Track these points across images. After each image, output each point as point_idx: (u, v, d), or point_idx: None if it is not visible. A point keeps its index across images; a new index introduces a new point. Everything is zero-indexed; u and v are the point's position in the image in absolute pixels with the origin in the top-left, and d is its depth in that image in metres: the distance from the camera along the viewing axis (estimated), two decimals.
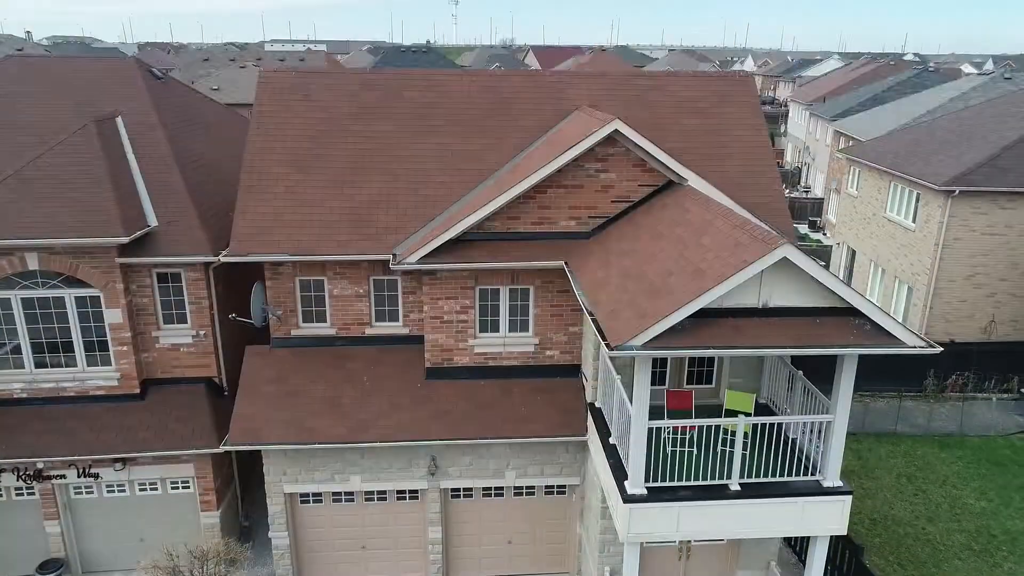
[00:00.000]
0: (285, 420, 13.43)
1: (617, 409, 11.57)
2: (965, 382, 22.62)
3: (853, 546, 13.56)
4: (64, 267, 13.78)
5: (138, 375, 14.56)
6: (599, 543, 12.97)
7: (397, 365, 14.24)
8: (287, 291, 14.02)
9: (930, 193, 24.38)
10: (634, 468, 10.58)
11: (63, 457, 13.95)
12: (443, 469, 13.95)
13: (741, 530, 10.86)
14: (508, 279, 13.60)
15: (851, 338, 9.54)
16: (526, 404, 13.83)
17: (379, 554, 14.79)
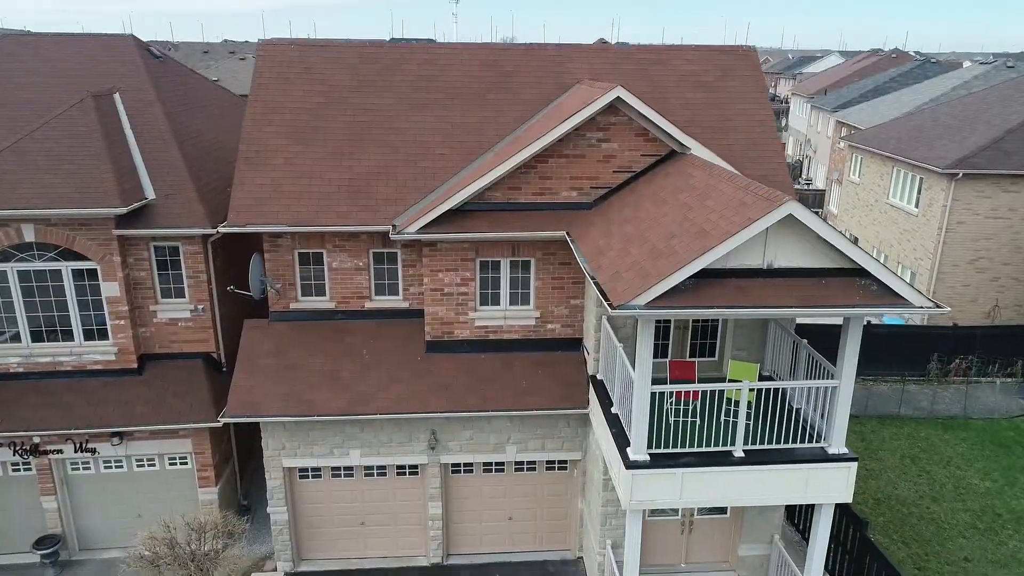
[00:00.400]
0: (284, 393, 13.30)
1: (619, 378, 11.43)
2: (969, 366, 22.47)
3: (857, 520, 13.41)
4: (61, 239, 13.66)
5: (135, 350, 14.43)
6: (601, 516, 12.84)
7: (397, 339, 14.11)
8: (286, 264, 13.89)
9: (933, 177, 24.25)
10: (636, 434, 10.44)
11: (60, 431, 13.82)
12: (443, 443, 13.81)
13: (745, 497, 10.72)
14: (509, 251, 13.46)
15: (857, 299, 9.40)
16: (527, 377, 13.69)
17: (378, 530, 14.65)
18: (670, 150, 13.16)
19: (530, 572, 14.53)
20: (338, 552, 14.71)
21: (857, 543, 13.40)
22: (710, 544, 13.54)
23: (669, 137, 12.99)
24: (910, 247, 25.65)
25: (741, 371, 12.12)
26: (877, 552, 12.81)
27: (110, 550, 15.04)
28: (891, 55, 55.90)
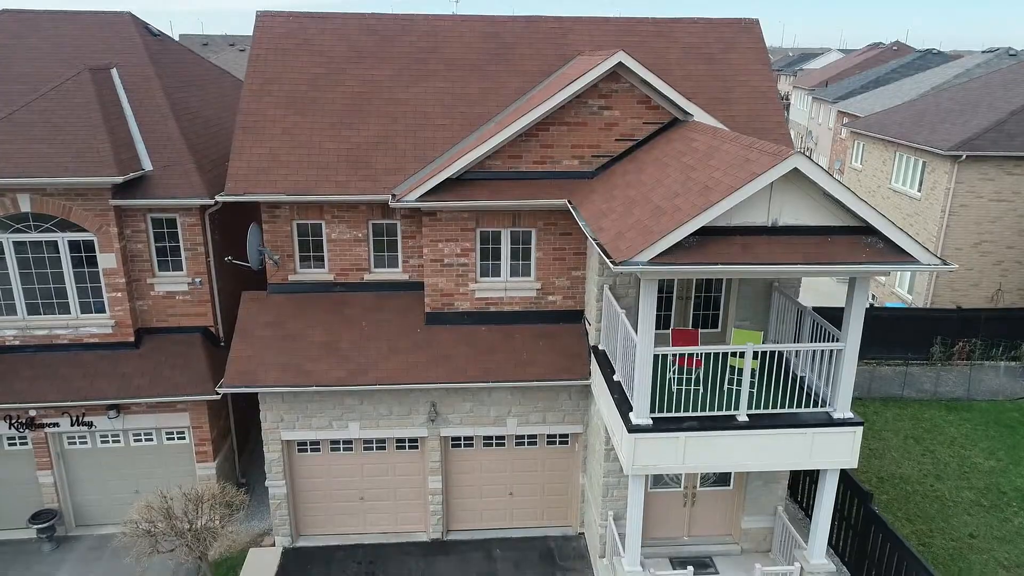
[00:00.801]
0: (282, 363, 13.16)
1: (621, 344, 11.28)
2: (972, 349, 22.32)
3: (861, 493, 13.26)
4: (57, 209, 13.52)
5: (132, 323, 14.29)
6: (602, 487, 12.69)
7: (396, 311, 13.97)
8: (284, 235, 13.75)
9: (936, 160, 24.10)
10: (639, 398, 10.30)
11: (56, 403, 13.68)
12: (443, 416, 13.67)
13: (749, 462, 10.57)
14: (509, 221, 13.32)
15: (864, 256, 9.26)
16: (528, 349, 13.55)
17: (378, 505, 14.51)
18: (672, 118, 13.03)
19: (531, 547, 14.38)
20: (337, 528, 14.56)
21: (861, 516, 13.25)
22: (713, 516, 13.39)
23: (672, 104, 12.85)
24: (913, 232, 25.47)
25: (745, 339, 11.95)
26: (882, 523, 12.66)
27: (107, 526, 14.89)
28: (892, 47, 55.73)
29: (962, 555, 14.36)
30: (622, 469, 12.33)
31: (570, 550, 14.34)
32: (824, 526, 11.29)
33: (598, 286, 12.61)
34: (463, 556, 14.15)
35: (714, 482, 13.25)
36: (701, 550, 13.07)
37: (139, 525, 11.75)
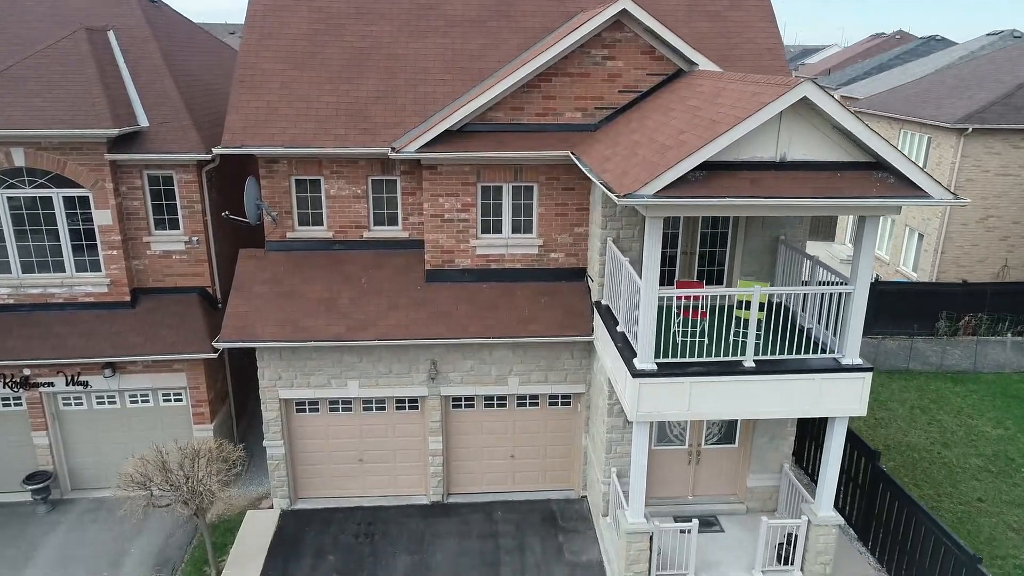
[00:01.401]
0: (280, 319, 12.95)
1: (625, 293, 11.06)
2: (978, 323, 22.07)
3: (868, 451, 13.04)
4: (52, 164, 13.31)
5: (129, 282, 14.08)
6: (606, 444, 12.47)
7: (396, 269, 13.76)
8: (282, 191, 13.54)
9: (942, 134, 23.87)
10: (643, 343, 10.09)
11: (50, 360, 13.47)
12: (444, 375, 13.46)
13: (755, 409, 10.36)
14: (511, 175, 13.11)
15: (875, 191, 9.04)
16: (530, 306, 13.34)
17: (377, 468, 14.29)
18: (677, 69, 12.81)
19: (532, 510, 14.17)
20: (336, 490, 14.35)
21: (869, 475, 13.02)
22: (718, 475, 13.18)
23: (677, 54, 12.64)
24: (917, 208, 25.25)
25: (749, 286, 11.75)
26: (890, 482, 12.44)
27: (103, 490, 14.70)
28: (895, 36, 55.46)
29: (971, 518, 14.14)
30: (625, 424, 12.18)
31: (572, 512, 14.13)
32: (832, 477, 11.07)
33: (601, 240, 12.40)
34: (464, 518, 13.94)
35: (719, 439, 13.03)
36: (706, 509, 12.85)
37: (133, 478, 11.53)
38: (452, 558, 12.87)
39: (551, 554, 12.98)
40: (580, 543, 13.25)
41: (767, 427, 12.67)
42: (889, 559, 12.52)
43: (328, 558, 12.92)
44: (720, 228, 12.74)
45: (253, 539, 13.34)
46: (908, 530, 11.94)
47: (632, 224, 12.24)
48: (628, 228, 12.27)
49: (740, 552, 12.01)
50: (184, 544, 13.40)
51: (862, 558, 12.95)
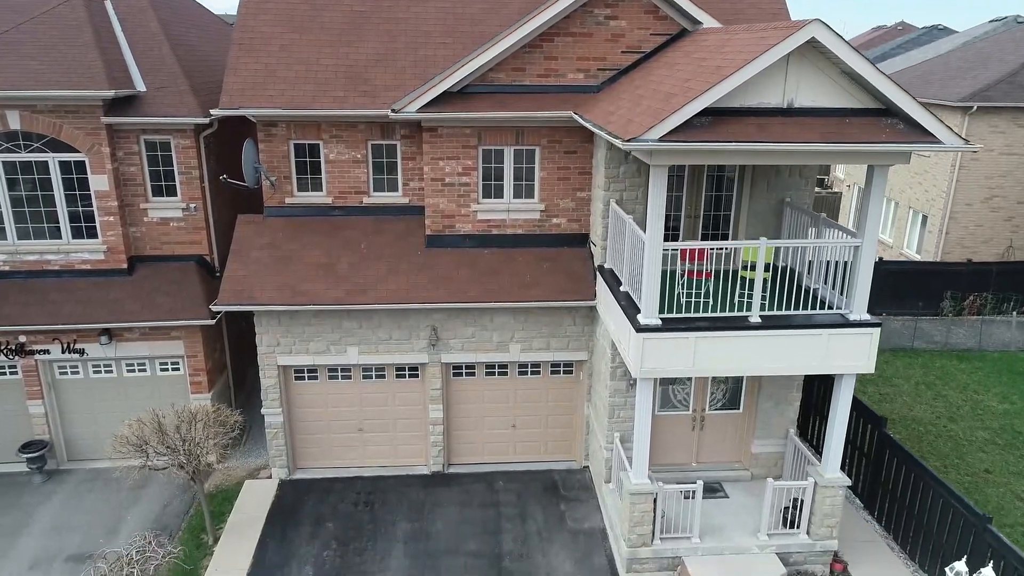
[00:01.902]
0: (278, 283, 12.79)
1: (629, 250, 10.88)
2: (983, 303, 21.90)
3: (875, 418, 12.86)
4: (47, 128, 13.15)
5: (126, 250, 13.92)
6: (608, 408, 12.30)
7: (396, 234, 13.59)
8: (281, 155, 13.37)
9: (946, 113, 23.66)
10: (647, 298, 9.92)
11: (46, 326, 13.31)
12: (444, 341, 13.29)
13: (762, 365, 10.18)
14: (512, 138, 12.94)
15: (884, 136, 8.87)
16: (531, 271, 13.17)
17: (377, 437, 14.12)
18: (681, 28, 12.63)
19: (534, 480, 13.99)
20: (335, 460, 14.18)
21: (875, 443, 12.85)
22: (722, 442, 13.00)
23: (680, 13, 12.46)
24: (921, 190, 25.08)
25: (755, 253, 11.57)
26: (897, 447, 12.27)
27: (99, 460, 14.51)
28: (896, 27, 55.26)
29: (978, 488, 13.97)
30: (628, 388, 12.02)
31: (574, 482, 13.95)
32: (839, 437, 10.90)
33: (604, 202, 12.23)
34: (464, 487, 13.77)
35: (723, 405, 12.86)
36: (710, 476, 12.66)
37: (129, 441, 11.36)
38: (453, 526, 12.70)
39: (553, 522, 12.81)
40: (582, 511, 13.07)
41: (772, 391, 12.49)
42: (896, 526, 12.36)
43: (327, 525, 12.75)
44: (724, 191, 12.57)
45: (251, 507, 13.17)
46: (915, 495, 11.77)
47: (635, 186, 12.08)
48: (631, 190, 12.11)
49: (745, 517, 11.83)
50: (182, 512, 13.23)
51: (868, 526, 12.78)
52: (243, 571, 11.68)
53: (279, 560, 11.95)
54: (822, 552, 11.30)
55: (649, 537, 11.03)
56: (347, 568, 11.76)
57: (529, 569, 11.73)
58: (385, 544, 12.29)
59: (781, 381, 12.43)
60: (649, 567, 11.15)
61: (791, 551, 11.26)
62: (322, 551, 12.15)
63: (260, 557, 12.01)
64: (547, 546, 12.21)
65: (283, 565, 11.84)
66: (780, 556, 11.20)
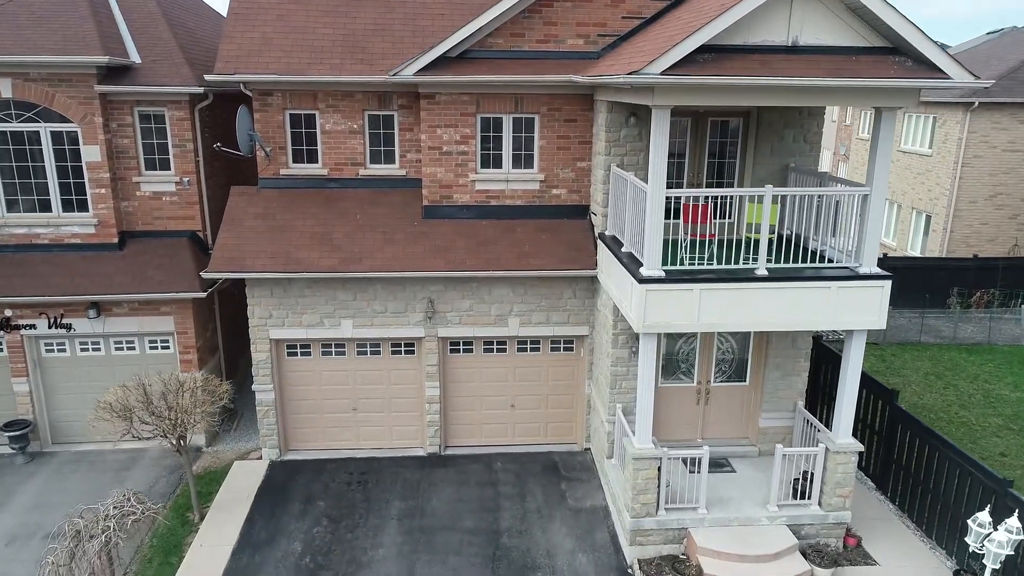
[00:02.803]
0: (272, 252, 12.48)
1: (631, 208, 10.56)
2: (991, 299, 21.53)
3: (885, 391, 12.44)
4: (40, 96, 12.96)
5: (117, 224, 13.64)
6: (610, 379, 11.89)
7: (393, 206, 13.31)
8: (276, 125, 13.15)
9: (947, 111, 23.59)
10: (650, 250, 9.59)
11: (33, 298, 12.96)
12: (441, 314, 12.93)
13: (768, 320, 9.81)
14: (511, 105, 12.73)
15: (892, 73, 8.63)
16: (530, 242, 12.86)
17: (372, 418, 13.67)
18: None
19: (534, 461, 13.52)
20: (328, 442, 13.72)
21: (887, 417, 12.40)
22: (728, 416, 12.55)
23: None
24: (924, 189, 24.88)
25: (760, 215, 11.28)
26: (909, 419, 11.84)
27: (84, 444, 14.09)
28: None
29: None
30: (631, 356, 11.65)
31: (575, 463, 13.48)
32: (850, 400, 10.47)
33: (605, 167, 11.97)
34: (461, 468, 13.29)
35: (728, 376, 12.44)
36: (716, 452, 12.15)
37: (113, 407, 10.94)
38: (449, 504, 12.21)
39: (553, 500, 12.31)
40: (584, 490, 12.59)
41: (779, 361, 12.09)
42: (911, 503, 11.86)
43: (318, 503, 12.26)
44: (728, 158, 12.32)
45: (239, 486, 12.70)
46: (930, 468, 11.31)
47: (636, 150, 11.84)
48: (632, 155, 11.87)
49: (754, 490, 11.35)
50: (168, 492, 12.74)
51: (881, 505, 12.28)
52: (229, 546, 11.18)
53: (267, 536, 11.44)
54: (835, 524, 10.80)
55: (654, 507, 10.54)
56: (338, 543, 11.25)
57: (528, 545, 11.22)
58: (378, 520, 11.79)
59: (788, 351, 12.04)
60: (654, 539, 10.65)
61: (802, 523, 10.76)
62: (312, 527, 11.65)
63: (247, 533, 11.51)
64: (547, 523, 11.71)
65: (271, 541, 11.33)
66: (791, 528, 10.69)
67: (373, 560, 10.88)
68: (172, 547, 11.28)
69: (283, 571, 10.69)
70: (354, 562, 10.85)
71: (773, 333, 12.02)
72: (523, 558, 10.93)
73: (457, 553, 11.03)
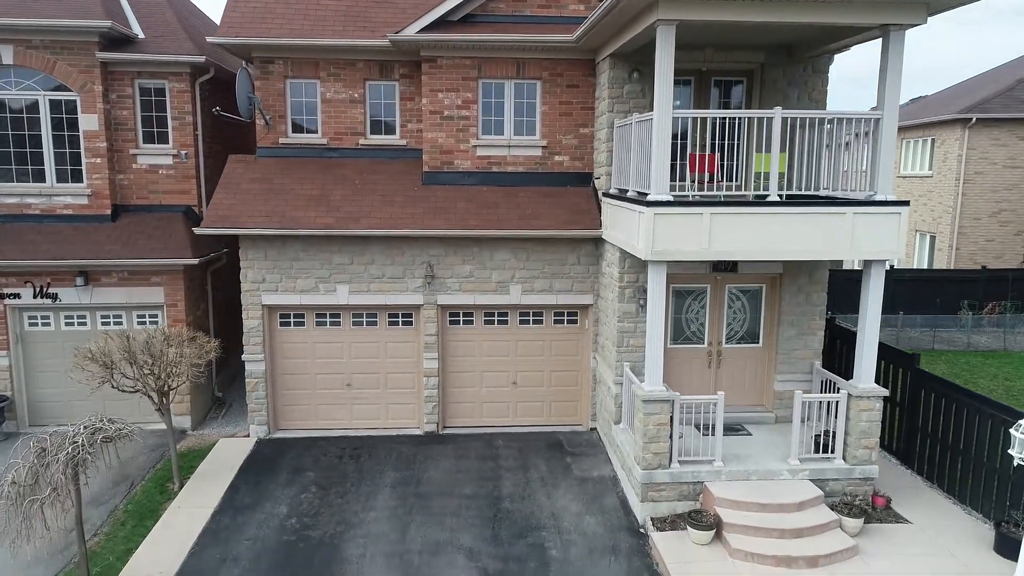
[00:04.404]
0: (267, 212, 12.17)
1: (635, 151, 10.29)
2: (1003, 310, 21.04)
3: (905, 357, 11.86)
4: (41, 63, 12.93)
5: (111, 196, 13.37)
6: (616, 336, 11.36)
7: (393, 173, 13.09)
8: (277, 93, 13.08)
9: (945, 131, 23.75)
10: (657, 174, 9.27)
11: (19, 261, 12.55)
12: (441, 280, 12.50)
13: (782, 247, 9.39)
14: (513, 70, 12.68)
15: None
16: (533, 206, 12.57)
17: (367, 395, 13.03)
18: None
19: (536, 439, 12.79)
20: (319, 420, 13.04)
21: (909, 384, 11.77)
22: (741, 381, 11.91)
23: None
24: (927, 209, 24.78)
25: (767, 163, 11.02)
26: (932, 379, 11.23)
27: (64, 425, 13.27)
28: None
29: None
30: (638, 311, 11.19)
31: (581, 441, 12.75)
32: (871, 344, 9.95)
33: (608, 123, 11.81)
34: (461, 444, 12.56)
35: (740, 338, 11.88)
36: (730, 418, 11.44)
37: (93, 356, 10.38)
38: (447, 474, 11.45)
39: (558, 471, 11.56)
40: (590, 463, 11.84)
41: (793, 318, 11.57)
42: (940, 471, 11.09)
43: (307, 473, 11.50)
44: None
45: (224, 458, 11.98)
46: (959, 427, 10.62)
47: (640, 107, 11.69)
48: (637, 111, 11.70)
49: (772, 449, 10.64)
50: (147, 467, 11.99)
51: (909, 476, 11.51)
52: (209, 509, 10.40)
53: (251, 501, 10.66)
54: (861, 479, 10.05)
55: (666, 458, 9.83)
56: (327, 507, 10.46)
57: (531, 509, 10.43)
58: (370, 487, 11.02)
59: (803, 307, 11.55)
60: (667, 495, 9.88)
61: (826, 477, 10.01)
62: (300, 493, 10.87)
63: (230, 498, 10.73)
64: (551, 490, 10.93)
65: (255, 505, 10.54)
66: (815, 484, 9.94)
67: (364, 521, 10.08)
68: (148, 512, 10.48)
69: (267, 531, 9.88)
70: (344, 523, 10.05)
71: (786, 290, 11.55)
72: (526, 520, 10.13)
73: (455, 515, 10.24)
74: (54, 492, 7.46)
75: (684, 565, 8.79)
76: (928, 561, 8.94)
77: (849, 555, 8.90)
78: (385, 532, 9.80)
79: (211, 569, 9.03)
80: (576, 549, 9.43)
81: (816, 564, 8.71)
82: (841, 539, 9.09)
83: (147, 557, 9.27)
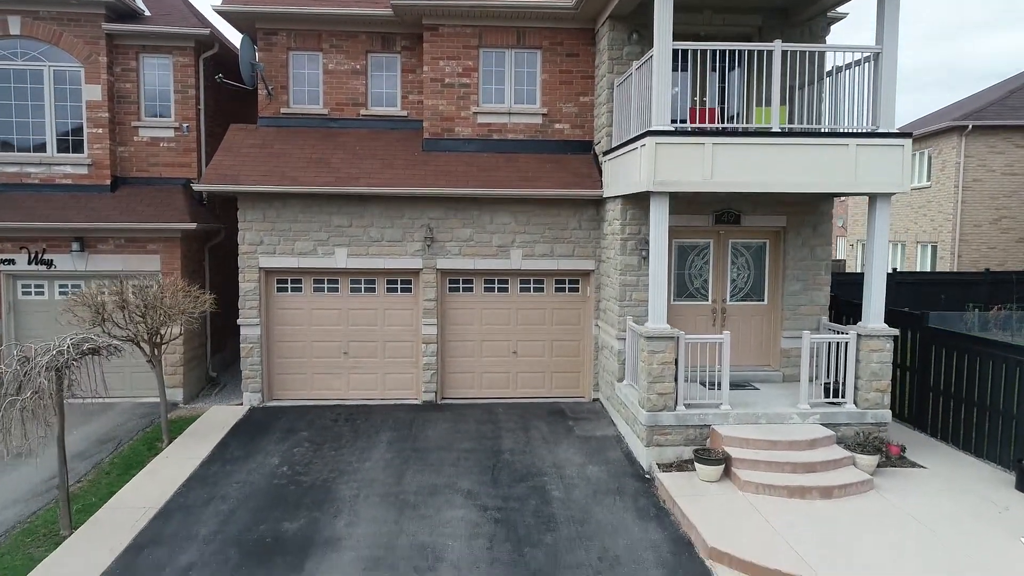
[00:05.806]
0: (267, 171, 12.14)
1: (635, 97, 10.31)
2: (1009, 313, 20.79)
3: (914, 317, 11.61)
4: (47, 34, 13.10)
5: (111, 167, 13.38)
6: (619, 290, 11.16)
7: (393, 141, 13.11)
8: (279, 64, 13.20)
9: (942, 141, 23.93)
10: (658, 106, 9.25)
11: (15, 224, 12.44)
12: (440, 243, 12.38)
13: (784, 179, 9.29)
14: (514, 39, 12.82)
15: None
16: (533, 170, 12.54)
17: (364, 363, 12.74)
18: None
19: (538, 408, 12.44)
20: (315, 391, 12.71)
21: (918, 343, 11.49)
22: (747, 339, 11.64)
23: None
24: (926, 221, 24.78)
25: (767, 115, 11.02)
26: (941, 333, 10.97)
27: None
28: None
29: None
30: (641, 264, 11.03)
31: (583, 409, 12.41)
32: (879, 283, 9.77)
33: (609, 85, 11.87)
34: (459, 412, 12.21)
35: (745, 295, 11.67)
36: (736, 376, 11.11)
37: (85, 299, 10.17)
38: (445, 434, 11.10)
39: (560, 432, 11.21)
40: (592, 426, 11.49)
41: (798, 273, 11.39)
42: (955, 429, 10.71)
43: (301, 433, 11.14)
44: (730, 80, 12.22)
45: (215, 421, 11.68)
46: (972, 378, 10.32)
47: None
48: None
49: (781, 398, 10.32)
50: (136, 430, 11.62)
51: (922, 437, 11.12)
52: (198, 460, 10.04)
53: (241, 454, 10.30)
54: (874, 424, 9.71)
55: (672, 400, 9.52)
56: (320, 459, 10.10)
57: (532, 460, 10.05)
58: (366, 444, 10.66)
59: (807, 261, 11.39)
60: (673, 439, 9.53)
61: (837, 422, 9.68)
62: (293, 448, 10.52)
63: (220, 451, 10.39)
64: (553, 447, 10.57)
65: (245, 457, 10.18)
66: (825, 428, 9.60)
67: (359, 470, 9.70)
68: (135, 463, 10.11)
69: (257, 476, 9.51)
70: (337, 471, 9.67)
71: (790, 244, 11.41)
72: (526, 468, 9.75)
73: (453, 465, 9.86)
74: (35, 395, 7.16)
75: (693, 498, 8.40)
76: (949, 496, 8.54)
77: (865, 488, 8.52)
78: (380, 478, 9.42)
79: (198, 505, 8.65)
80: (579, 491, 9.03)
81: (830, 495, 8.33)
82: (856, 473, 8.73)
83: (132, 495, 8.90)
